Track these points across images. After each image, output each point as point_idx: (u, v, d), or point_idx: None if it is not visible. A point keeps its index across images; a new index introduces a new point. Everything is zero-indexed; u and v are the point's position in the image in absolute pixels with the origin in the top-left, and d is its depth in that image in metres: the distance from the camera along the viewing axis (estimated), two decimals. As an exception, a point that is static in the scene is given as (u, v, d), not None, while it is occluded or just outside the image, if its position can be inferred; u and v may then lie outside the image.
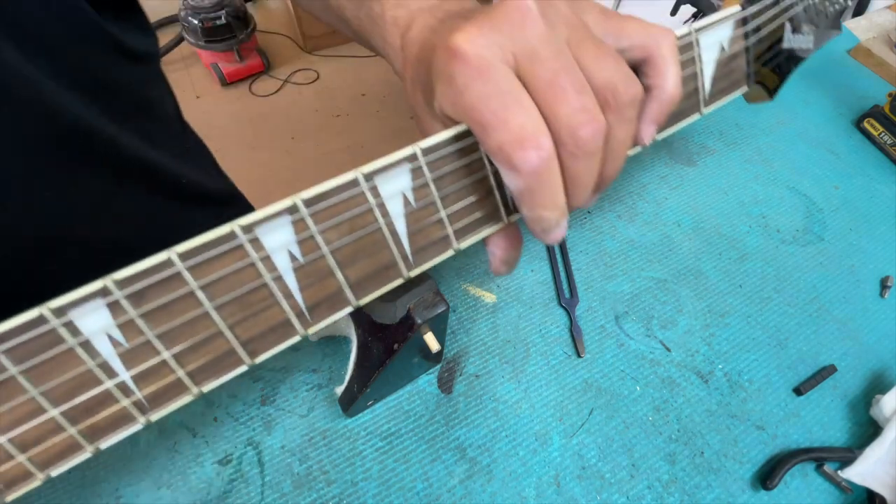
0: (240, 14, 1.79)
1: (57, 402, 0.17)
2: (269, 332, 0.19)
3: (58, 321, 0.16)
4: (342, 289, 0.20)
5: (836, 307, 0.44)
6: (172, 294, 0.17)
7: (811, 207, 0.50)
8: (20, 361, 0.16)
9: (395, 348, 0.30)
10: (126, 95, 0.42)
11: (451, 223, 0.22)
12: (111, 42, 0.38)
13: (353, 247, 0.20)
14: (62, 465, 0.18)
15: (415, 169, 0.20)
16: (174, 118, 0.52)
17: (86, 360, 0.17)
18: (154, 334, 0.17)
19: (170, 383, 0.18)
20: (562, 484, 0.34)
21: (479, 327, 0.40)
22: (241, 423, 0.35)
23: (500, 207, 0.23)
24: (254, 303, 0.19)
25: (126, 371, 0.18)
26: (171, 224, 0.49)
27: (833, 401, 0.39)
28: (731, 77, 0.27)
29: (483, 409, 0.37)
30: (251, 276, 0.18)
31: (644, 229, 0.47)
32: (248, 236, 0.18)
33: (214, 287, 0.18)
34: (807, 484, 0.36)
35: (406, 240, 0.21)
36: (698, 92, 0.25)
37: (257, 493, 0.32)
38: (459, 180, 0.22)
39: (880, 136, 0.56)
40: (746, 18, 0.27)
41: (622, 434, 0.36)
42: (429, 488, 0.33)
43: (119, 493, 0.32)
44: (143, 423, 0.18)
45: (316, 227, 0.19)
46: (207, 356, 0.19)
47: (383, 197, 0.20)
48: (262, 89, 1.94)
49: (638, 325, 0.41)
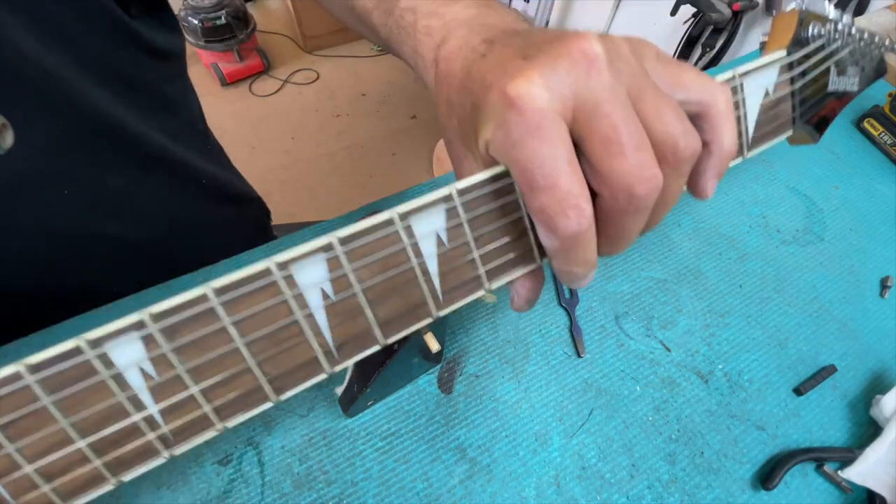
0: (240, 14, 1.79)
1: (85, 433, 0.17)
2: (297, 370, 0.19)
3: (93, 353, 0.16)
4: (371, 327, 0.20)
5: (836, 307, 0.44)
6: (205, 329, 0.17)
7: (811, 207, 0.50)
8: (53, 392, 0.16)
9: (395, 348, 0.30)
10: (151, 92, 0.43)
11: (483, 264, 0.21)
12: (135, 38, 0.38)
13: (385, 286, 0.20)
14: (83, 497, 0.18)
15: (450, 209, 0.20)
16: (198, 117, 0.53)
17: (116, 392, 0.17)
18: (184, 369, 0.18)
19: (196, 418, 0.18)
20: (562, 484, 0.34)
21: (479, 327, 0.40)
22: (241, 423, 0.35)
23: (534, 248, 0.22)
24: (283, 340, 0.19)
25: (155, 405, 0.17)
26: (193, 222, 0.50)
27: (833, 401, 0.39)
28: (775, 122, 0.26)
29: (483, 409, 0.37)
30: (283, 313, 0.18)
31: (644, 229, 0.47)
32: (282, 273, 0.18)
33: (246, 323, 0.18)
34: (807, 484, 0.36)
35: (437, 279, 0.21)
36: (741, 136, 0.25)
37: (257, 493, 0.32)
38: (493, 221, 0.21)
39: (880, 136, 0.56)
40: (792, 64, 0.26)
41: (622, 434, 0.36)
42: (429, 488, 0.33)
43: (119, 493, 0.32)
44: (167, 457, 0.18)
45: (350, 266, 0.19)
46: (235, 392, 0.19)
47: (417, 237, 0.20)
48: (262, 89, 1.95)
49: (638, 325, 0.41)
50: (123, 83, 0.38)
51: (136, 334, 0.17)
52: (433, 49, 0.25)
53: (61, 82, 0.33)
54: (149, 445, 0.18)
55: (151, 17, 0.40)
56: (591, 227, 0.19)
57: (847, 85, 0.31)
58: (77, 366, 0.16)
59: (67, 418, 0.17)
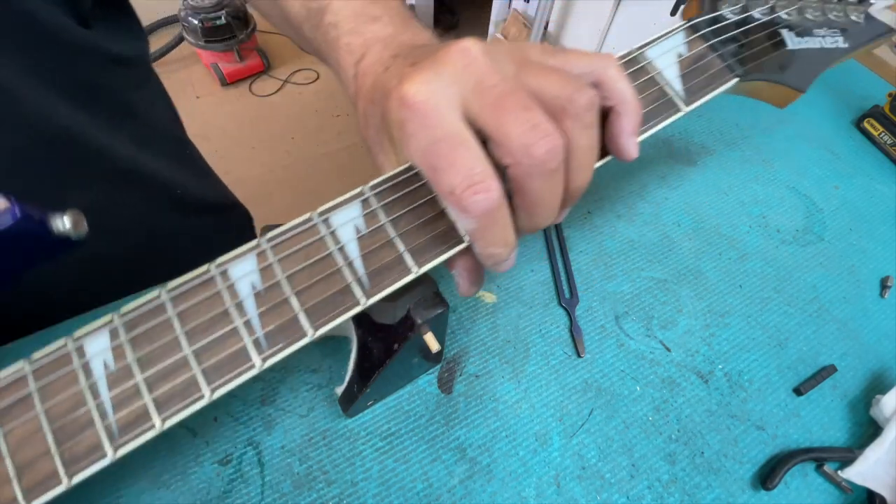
0: (240, 14, 1.79)
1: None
2: (228, 362, 0.21)
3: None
4: (297, 315, 0.21)
5: (836, 307, 0.44)
6: (153, 321, 0.21)
7: (811, 207, 0.50)
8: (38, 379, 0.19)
9: (395, 348, 0.30)
10: (116, 101, 0.41)
11: (405, 244, 0.23)
12: (92, 46, 0.37)
13: (308, 272, 0.22)
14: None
15: (364, 200, 0.23)
16: (170, 123, 0.50)
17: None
18: (134, 357, 0.20)
19: (140, 409, 0.20)
20: (562, 484, 0.34)
21: (479, 327, 0.40)
22: (241, 423, 0.35)
23: (456, 226, 0.23)
24: (217, 329, 0.21)
25: (108, 392, 0.20)
26: (169, 233, 0.48)
27: (833, 401, 0.39)
28: (707, 72, 0.29)
29: (483, 409, 0.37)
30: (217, 303, 0.21)
31: (644, 229, 0.47)
32: (218, 270, 0.21)
33: (189, 313, 0.21)
34: (807, 484, 0.36)
35: (360, 262, 0.22)
36: (667, 93, 0.28)
37: (257, 494, 0.32)
38: (409, 205, 0.23)
39: (880, 136, 0.56)
40: (697, 26, 0.30)
41: (622, 434, 0.36)
42: (429, 488, 0.33)
43: (119, 493, 0.32)
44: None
45: (275, 257, 0.22)
46: (173, 383, 0.21)
47: (335, 226, 0.22)
48: (262, 89, 1.94)
49: (638, 325, 0.41)
50: (85, 93, 0.37)
51: (106, 329, 0.21)
52: (353, 65, 0.26)
53: (8, 93, 0.32)
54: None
55: (111, 23, 0.39)
56: (503, 205, 0.21)
57: (825, 43, 0.35)
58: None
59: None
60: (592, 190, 0.49)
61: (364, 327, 0.32)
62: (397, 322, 0.30)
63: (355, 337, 0.33)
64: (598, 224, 0.47)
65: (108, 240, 0.41)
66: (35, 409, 0.19)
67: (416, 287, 0.28)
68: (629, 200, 0.49)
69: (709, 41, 0.30)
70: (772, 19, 0.35)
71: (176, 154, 0.51)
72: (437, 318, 0.29)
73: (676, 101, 0.28)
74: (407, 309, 0.29)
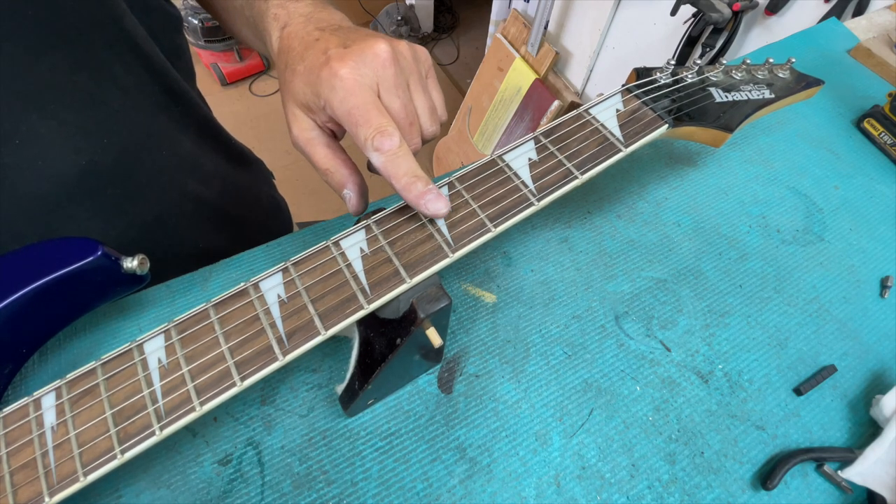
0: (240, 14, 1.79)
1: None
2: (256, 356, 0.27)
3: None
4: (312, 319, 0.28)
5: (836, 307, 0.44)
6: (199, 325, 0.27)
7: (811, 207, 0.50)
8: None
9: (397, 343, 0.30)
10: (185, 62, 0.51)
11: (400, 260, 0.29)
12: (165, 13, 0.46)
13: (322, 284, 0.29)
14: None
15: (366, 227, 0.31)
16: (203, 102, 0.58)
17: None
18: (182, 353, 0.26)
19: (183, 395, 0.25)
20: (562, 484, 0.34)
21: (479, 327, 0.40)
22: (240, 423, 0.35)
23: (442, 245, 0.30)
24: (248, 330, 0.27)
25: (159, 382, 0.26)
26: (234, 183, 0.57)
27: (833, 401, 0.39)
28: (641, 122, 0.36)
29: (483, 409, 0.37)
30: (249, 309, 0.28)
31: (644, 229, 0.47)
32: (251, 284, 0.28)
33: (226, 318, 0.28)
34: (807, 484, 0.36)
35: (363, 275, 0.29)
36: (608, 138, 0.35)
37: (257, 494, 0.32)
38: (403, 230, 0.31)
39: (880, 136, 0.56)
40: (630, 89, 0.38)
41: (622, 434, 0.36)
42: (429, 488, 0.33)
43: (119, 493, 0.32)
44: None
45: (296, 273, 0.29)
46: (211, 374, 0.26)
47: (343, 248, 0.30)
48: (262, 89, 1.95)
49: (638, 325, 0.41)
50: (169, 51, 0.45)
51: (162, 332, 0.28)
52: (279, 30, 0.35)
53: (141, 43, 0.40)
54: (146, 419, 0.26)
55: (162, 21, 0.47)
56: (404, 144, 0.30)
57: (754, 95, 0.42)
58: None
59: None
60: (592, 190, 0.49)
61: (367, 323, 0.33)
62: (400, 317, 0.30)
63: (357, 333, 0.33)
64: (598, 224, 0.47)
65: (203, 185, 0.51)
66: (101, 396, 0.25)
67: (420, 282, 0.29)
68: (629, 200, 0.49)
69: (641, 99, 0.38)
70: (701, 79, 0.42)
71: (210, 133, 0.57)
72: (439, 312, 0.29)
73: (616, 143, 0.35)
74: (410, 303, 0.29)
